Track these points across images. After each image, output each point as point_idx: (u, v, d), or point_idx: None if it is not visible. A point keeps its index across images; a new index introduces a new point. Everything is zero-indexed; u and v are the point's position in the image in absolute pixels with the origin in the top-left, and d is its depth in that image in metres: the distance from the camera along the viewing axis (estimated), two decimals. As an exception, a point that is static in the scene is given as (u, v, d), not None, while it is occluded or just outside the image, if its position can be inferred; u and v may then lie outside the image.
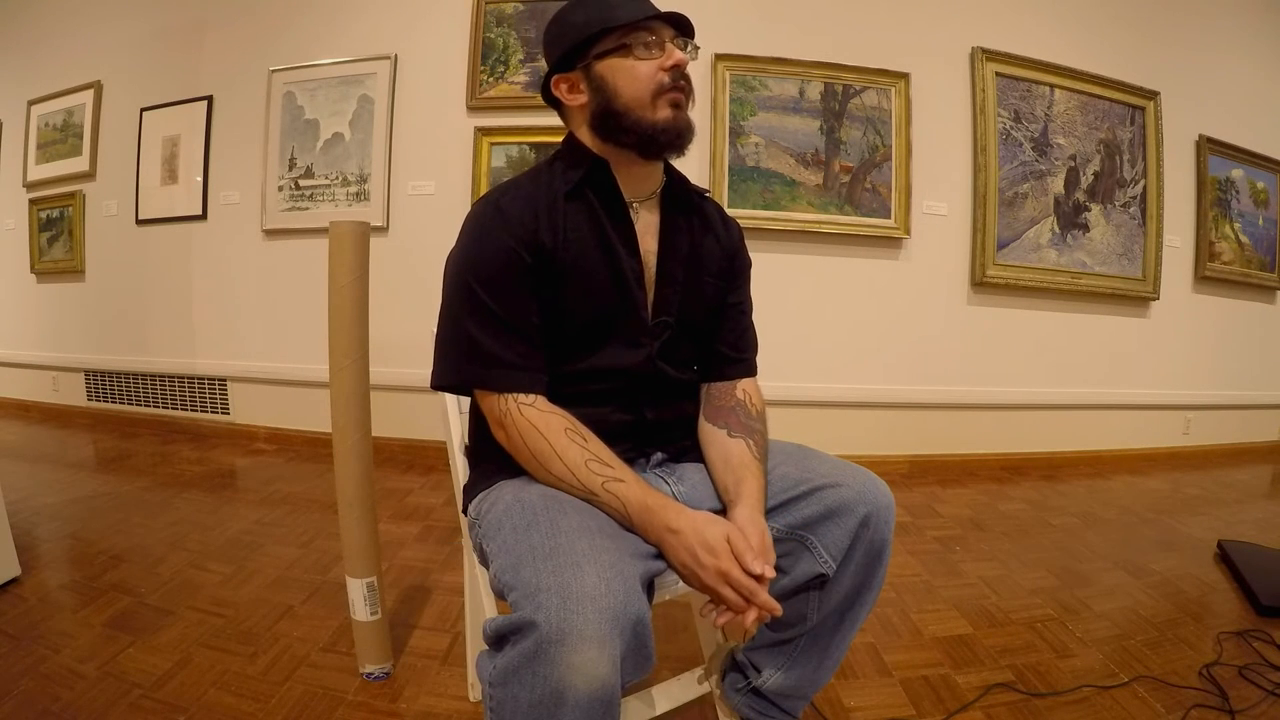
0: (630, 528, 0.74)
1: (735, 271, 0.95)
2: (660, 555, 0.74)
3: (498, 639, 0.60)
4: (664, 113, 0.80)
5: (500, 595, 0.65)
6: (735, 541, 0.70)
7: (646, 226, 0.88)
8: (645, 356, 0.86)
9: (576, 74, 0.82)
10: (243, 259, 2.88)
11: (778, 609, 0.69)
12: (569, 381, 0.82)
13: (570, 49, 0.81)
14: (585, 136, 0.85)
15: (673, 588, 0.79)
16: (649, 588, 0.70)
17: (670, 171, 0.91)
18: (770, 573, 0.70)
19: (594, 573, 0.59)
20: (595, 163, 0.84)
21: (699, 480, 0.88)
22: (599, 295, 0.82)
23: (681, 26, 0.82)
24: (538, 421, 0.77)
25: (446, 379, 0.82)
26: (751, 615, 0.68)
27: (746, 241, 0.99)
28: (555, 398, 0.80)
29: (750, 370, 0.95)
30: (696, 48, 0.84)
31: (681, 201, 0.91)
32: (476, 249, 0.79)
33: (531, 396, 0.78)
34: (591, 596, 0.57)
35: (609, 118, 0.81)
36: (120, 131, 3.05)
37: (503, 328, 0.78)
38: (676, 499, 0.84)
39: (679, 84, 0.80)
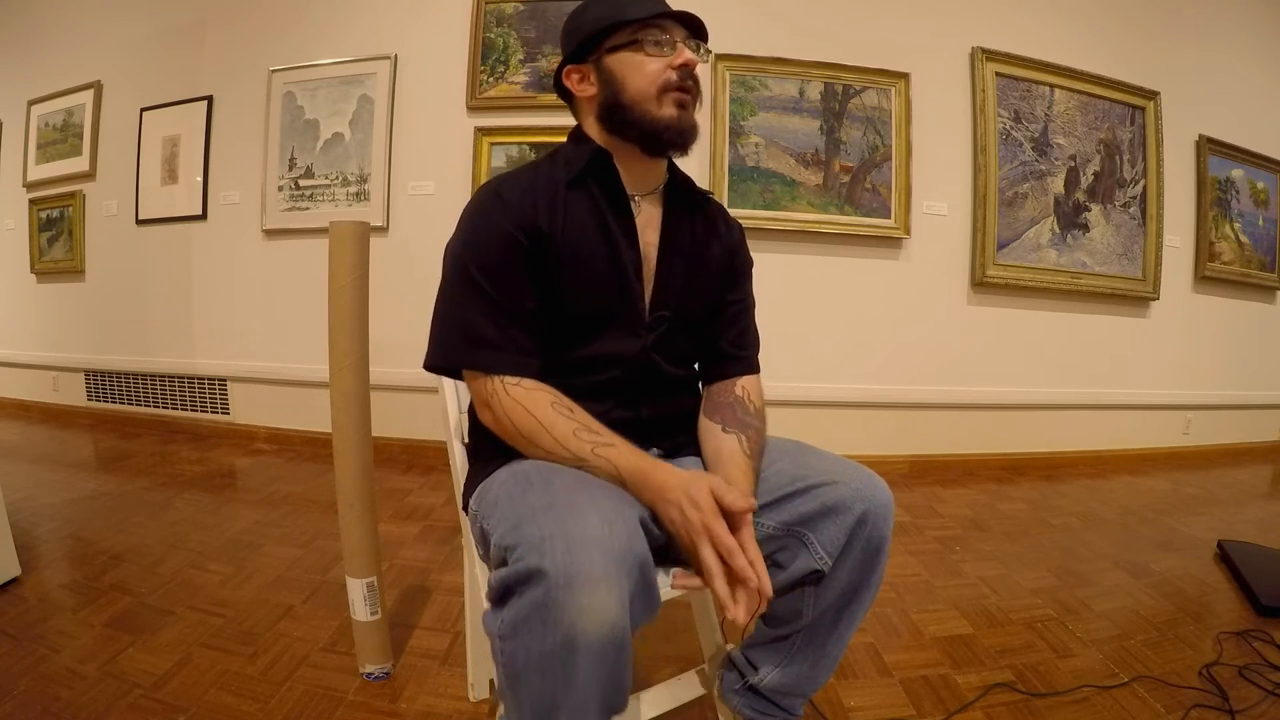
0: (623, 489, 0.74)
1: (736, 270, 0.96)
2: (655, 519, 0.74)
3: (504, 591, 0.60)
4: (668, 110, 0.81)
5: (503, 565, 0.64)
6: (717, 487, 0.70)
7: (648, 220, 0.88)
8: (641, 347, 0.86)
9: (588, 66, 0.85)
10: (243, 259, 2.88)
11: (750, 579, 0.65)
12: (567, 371, 0.83)
13: (584, 41, 0.83)
14: (592, 128, 0.87)
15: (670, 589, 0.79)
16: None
17: (674, 170, 0.92)
18: (752, 503, 0.70)
19: (595, 515, 0.60)
20: (598, 153, 0.84)
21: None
22: (596, 284, 0.83)
23: (694, 28, 0.84)
24: (523, 399, 0.78)
25: (435, 359, 0.83)
26: (720, 584, 0.66)
27: (747, 241, 1.00)
28: (555, 389, 0.80)
29: (751, 367, 0.95)
30: (709, 51, 0.86)
31: (684, 199, 0.92)
32: (475, 234, 0.80)
33: (518, 378, 0.79)
34: (595, 539, 0.57)
35: (615, 110, 0.82)
36: (120, 131, 3.05)
37: (498, 312, 0.79)
38: None
39: (685, 83, 0.81)
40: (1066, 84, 2.76)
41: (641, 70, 0.81)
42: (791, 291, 2.62)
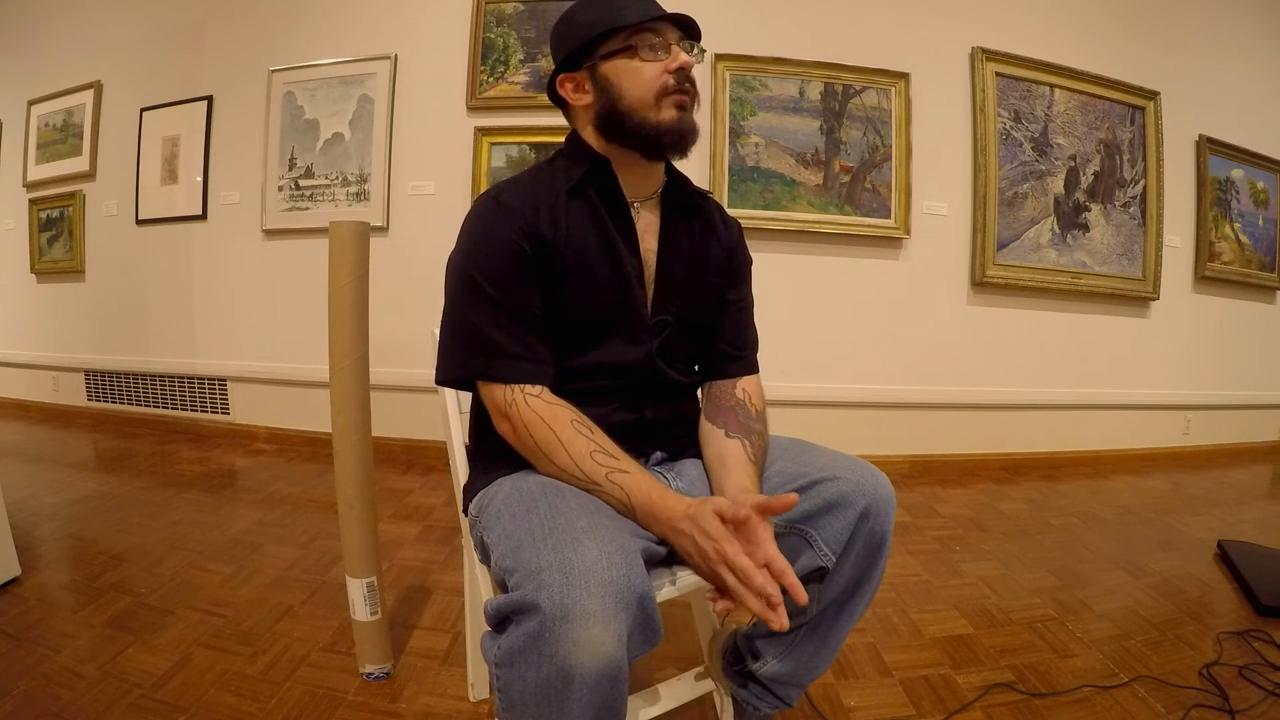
0: (633, 518, 0.74)
1: (735, 269, 0.96)
2: (663, 542, 0.74)
3: (500, 619, 0.60)
4: (668, 114, 0.80)
5: (503, 586, 0.64)
6: (720, 508, 0.68)
7: (647, 226, 0.88)
8: (644, 354, 0.86)
9: (582, 74, 0.83)
10: (243, 259, 2.88)
11: (774, 594, 0.63)
12: (569, 378, 0.82)
13: (576, 49, 0.81)
14: (589, 136, 0.86)
15: (671, 588, 0.79)
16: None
17: (671, 172, 0.92)
18: (780, 502, 0.67)
19: (595, 547, 0.59)
20: (597, 161, 0.84)
21: (697, 476, 0.88)
22: (599, 292, 0.83)
23: (688, 29, 0.83)
24: (544, 412, 0.77)
25: (452, 373, 0.82)
26: (753, 602, 0.63)
27: (747, 241, 1.00)
28: (557, 394, 0.80)
29: (751, 368, 0.95)
30: (703, 51, 0.85)
31: (682, 201, 0.92)
32: (479, 243, 0.80)
33: (538, 388, 0.79)
34: (593, 570, 0.57)
35: (613, 119, 0.81)
36: (120, 131, 3.05)
37: (508, 319, 0.78)
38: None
39: (683, 86, 0.81)
40: (1066, 84, 2.76)
41: (638, 76, 0.79)
42: (792, 291, 2.61)
